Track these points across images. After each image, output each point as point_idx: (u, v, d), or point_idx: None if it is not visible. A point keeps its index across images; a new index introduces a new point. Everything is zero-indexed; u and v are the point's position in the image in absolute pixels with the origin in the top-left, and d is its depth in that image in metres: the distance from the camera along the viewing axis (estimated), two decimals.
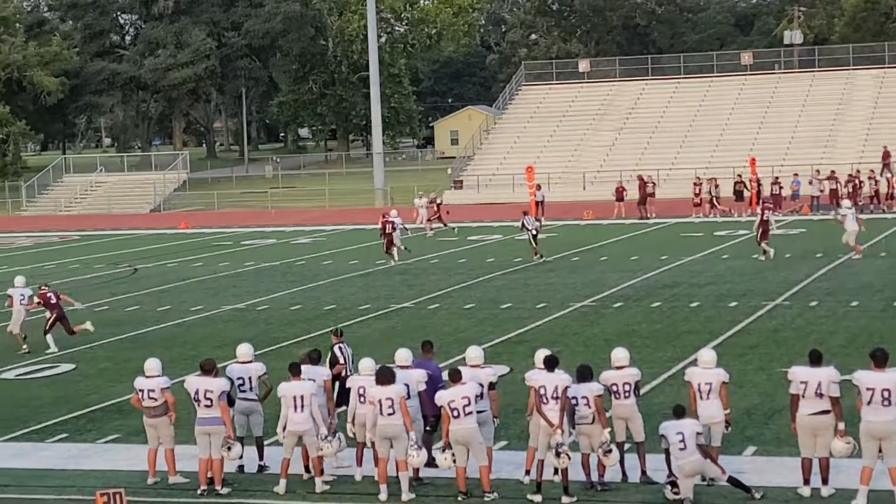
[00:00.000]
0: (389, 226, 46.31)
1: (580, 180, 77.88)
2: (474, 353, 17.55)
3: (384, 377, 16.91)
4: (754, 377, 23.12)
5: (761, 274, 38.17)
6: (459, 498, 16.59)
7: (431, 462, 16.99)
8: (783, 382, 18.25)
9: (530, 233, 44.61)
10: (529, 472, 16.92)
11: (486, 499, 16.50)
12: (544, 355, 17.02)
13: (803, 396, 16.12)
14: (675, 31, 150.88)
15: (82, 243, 61.96)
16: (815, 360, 16.30)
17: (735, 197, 60.77)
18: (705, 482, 16.32)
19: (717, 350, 19.61)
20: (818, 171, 64.13)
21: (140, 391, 17.98)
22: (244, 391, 18.25)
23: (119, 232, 68.18)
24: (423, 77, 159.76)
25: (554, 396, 16.53)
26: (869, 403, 15.65)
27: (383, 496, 16.76)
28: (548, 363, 16.85)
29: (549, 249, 47.13)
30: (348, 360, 19.24)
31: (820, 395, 16.02)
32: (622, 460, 16.94)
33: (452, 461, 16.56)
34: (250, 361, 18.45)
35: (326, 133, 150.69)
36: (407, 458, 16.68)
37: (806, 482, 16.20)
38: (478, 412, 16.67)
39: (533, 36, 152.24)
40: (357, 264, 45.47)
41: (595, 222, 60.48)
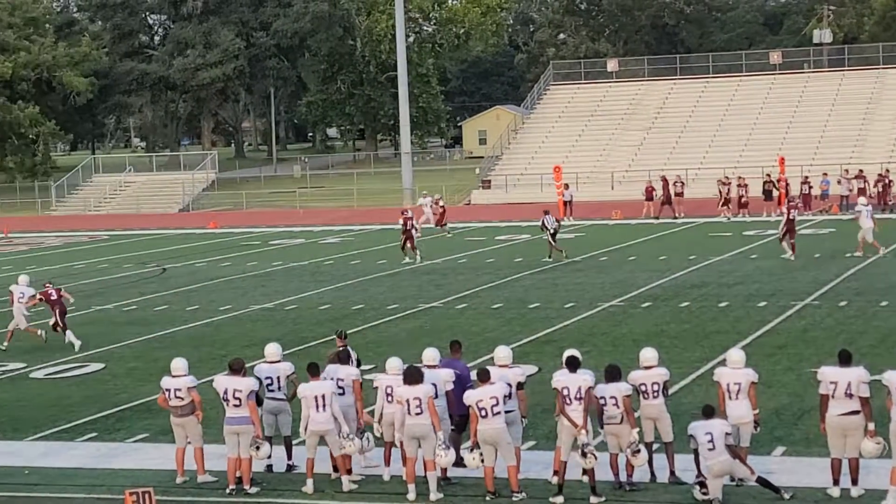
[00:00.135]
0: (409, 223, 46.35)
1: (608, 180, 77.76)
2: (503, 353, 17.55)
3: (412, 377, 16.91)
4: (783, 377, 23.04)
5: (790, 274, 38.05)
6: (487, 498, 16.59)
7: (459, 462, 16.99)
8: (812, 383, 18.19)
9: (548, 232, 44.61)
10: (557, 473, 16.91)
11: (515, 499, 16.49)
12: (566, 356, 17.02)
13: (833, 397, 16.06)
14: (704, 31, 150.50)
15: (111, 243, 62.16)
16: (845, 361, 16.24)
17: (764, 196, 60.56)
18: (734, 482, 16.28)
19: (746, 350, 19.58)
20: (847, 171, 63.91)
21: (167, 391, 18.02)
22: (272, 391, 18.26)
23: (148, 232, 68.38)
24: (452, 77, 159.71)
25: (577, 397, 16.51)
26: None
27: (411, 496, 16.76)
28: (569, 364, 16.83)
29: (578, 249, 47.10)
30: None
31: (849, 396, 15.97)
32: (651, 460, 16.91)
33: (480, 461, 16.55)
34: (278, 361, 18.46)
35: (354, 133, 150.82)
36: (435, 458, 16.69)
37: (835, 483, 16.14)
38: (506, 412, 16.65)
39: (561, 35, 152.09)
40: (385, 264, 45.49)
41: (623, 222, 60.36)
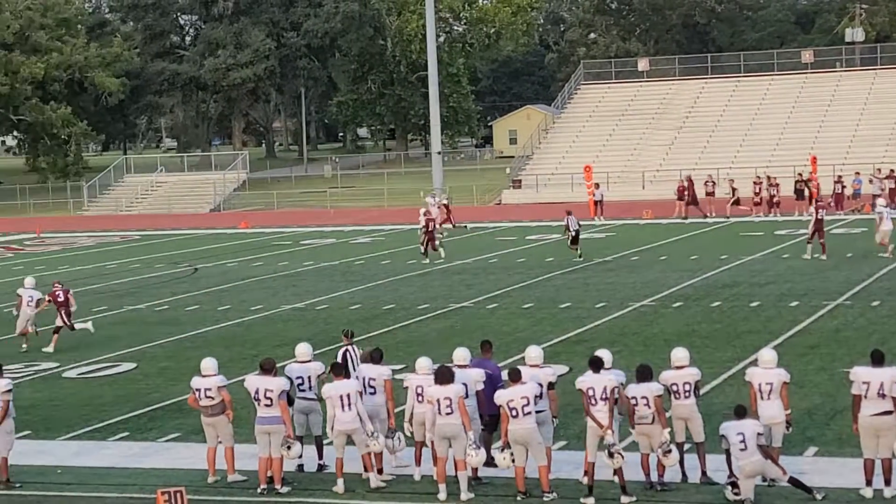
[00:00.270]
0: (432, 223, 46.35)
1: (639, 179, 77.61)
2: (534, 353, 17.53)
3: (443, 377, 16.90)
4: (815, 377, 22.96)
5: (822, 273, 37.90)
6: (518, 498, 16.58)
7: (490, 462, 16.98)
8: (845, 383, 18.12)
9: (570, 234, 44.55)
10: (587, 474, 16.89)
11: (545, 499, 16.48)
12: (590, 357, 17.03)
13: (865, 397, 16.01)
14: (735, 30, 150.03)
15: (143, 243, 62.38)
16: (878, 361, 16.18)
17: (796, 196, 60.33)
18: (766, 483, 16.23)
19: (778, 350, 19.52)
20: (879, 170, 63.61)
21: (196, 391, 18.07)
22: (303, 390, 18.29)
23: (179, 232, 68.59)
24: (482, 76, 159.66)
25: (603, 397, 16.50)
26: None
27: (442, 496, 16.76)
28: (592, 364, 16.85)
29: (609, 249, 47.05)
30: (355, 363, 18.82)
31: (882, 396, 15.91)
32: (682, 461, 16.88)
33: (511, 461, 16.54)
34: (309, 361, 18.49)
35: (385, 133, 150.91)
36: (466, 458, 16.68)
37: (868, 483, 16.07)
38: (537, 412, 16.64)
39: (592, 35, 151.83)
40: (415, 264, 45.50)
41: (654, 222, 60.24)
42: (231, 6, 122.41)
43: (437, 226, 47.64)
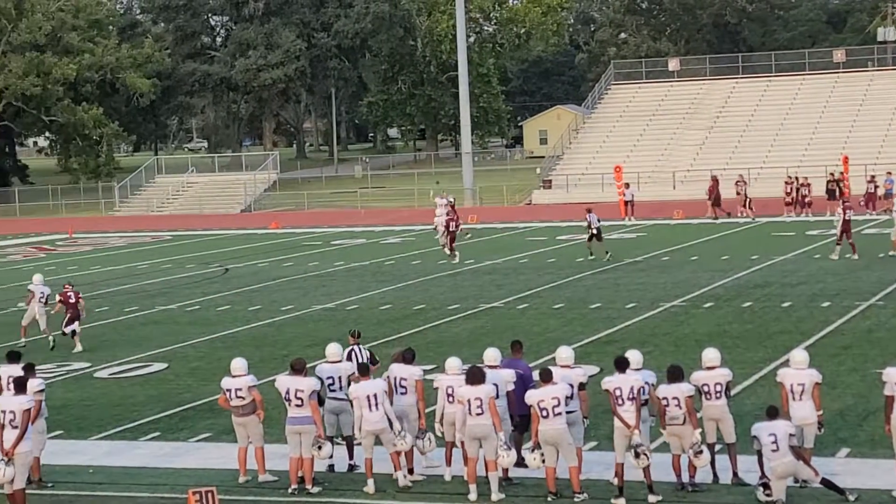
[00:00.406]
0: (453, 223, 46.30)
1: (670, 179, 77.44)
2: (565, 354, 17.52)
3: (475, 377, 16.89)
4: (848, 378, 22.86)
5: (854, 273, 37.73)
6: (549, 498, 16.57)
7: (521, 462, 16.97)
8: (878, 383, 18.01)
9: (591, 232, 44.37)
10: (618, 474, 16.86)
11: (576, 499, 16.46)
12: (616, 357, 17.02)
13: None
14: (766, 29, 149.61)
15: (174, 243, 62.56)
16: None
17: (827, 196, 60.09)
18: (798, 484, 16.17)
19: (810, 351, 19.43)
20: None
21: (227, 391, 18.10)
22: (334, 391, 18.30)
23: (210, 232, 68.76)
24: (512, 76, 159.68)
25: (630, 397, 16.48)
26: None
27: (473, 496, 16.75)
28: (618, 364, 16.83)
29: (639, 249, 46.95)
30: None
31: None
32: (713, 461, 16.83)
33: (542, 461, 16.53)
34: (340, 361, 18.52)
35: (415, 133, 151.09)
36: (496, 458, 16.67)
37: None
38: (568, 413, 16.63)
39: (622, 35, 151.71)
40: (445, 264, 45.50)
41: (685, 222, 60.08)
42: (262, 7, 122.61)
43: (457, 227, 47.32)
